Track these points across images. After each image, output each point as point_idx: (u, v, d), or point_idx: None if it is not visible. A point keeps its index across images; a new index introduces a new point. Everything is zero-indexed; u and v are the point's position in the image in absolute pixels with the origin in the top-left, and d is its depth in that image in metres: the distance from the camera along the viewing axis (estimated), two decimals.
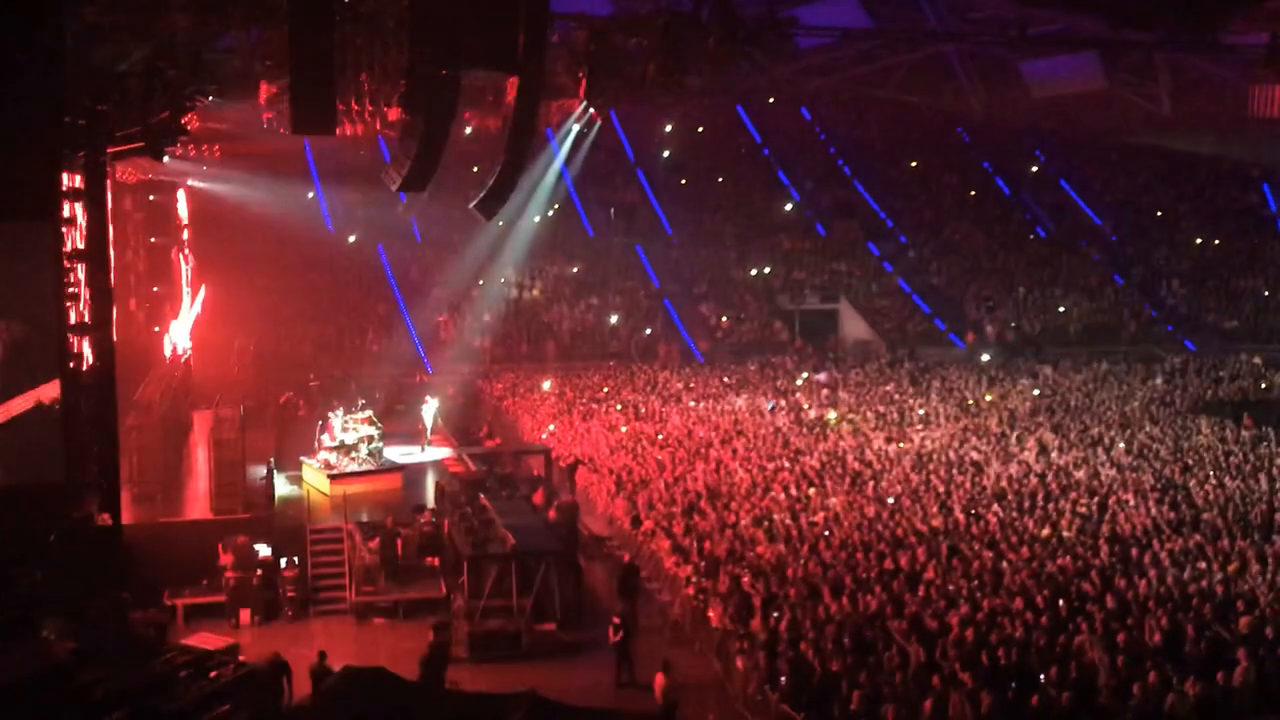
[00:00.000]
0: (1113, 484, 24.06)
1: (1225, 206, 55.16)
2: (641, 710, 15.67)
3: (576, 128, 39.78)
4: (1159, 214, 55.83)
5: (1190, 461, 26.07)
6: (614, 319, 45.58)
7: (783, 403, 34.44)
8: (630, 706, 16.03)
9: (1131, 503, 22.45)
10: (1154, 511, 21.79)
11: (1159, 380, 38.03)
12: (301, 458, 25.85)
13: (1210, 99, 53.36)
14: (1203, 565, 18.65)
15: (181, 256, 32.01)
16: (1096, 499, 22.78)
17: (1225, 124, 52.01)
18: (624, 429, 30.56)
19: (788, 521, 21.53)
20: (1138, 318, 48.10)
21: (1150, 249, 53.35)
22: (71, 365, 19.48)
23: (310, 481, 25.19)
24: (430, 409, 30.16)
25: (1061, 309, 48.24)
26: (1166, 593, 17.47)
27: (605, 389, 36.67)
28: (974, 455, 26.95)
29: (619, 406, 33.74)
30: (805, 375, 39.11)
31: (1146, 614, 16.52)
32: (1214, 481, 24.01)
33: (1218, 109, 51.35)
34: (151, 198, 33.32)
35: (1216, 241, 53.13)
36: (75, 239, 19.90)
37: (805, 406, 33.66)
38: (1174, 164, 56.49)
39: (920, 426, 30.78)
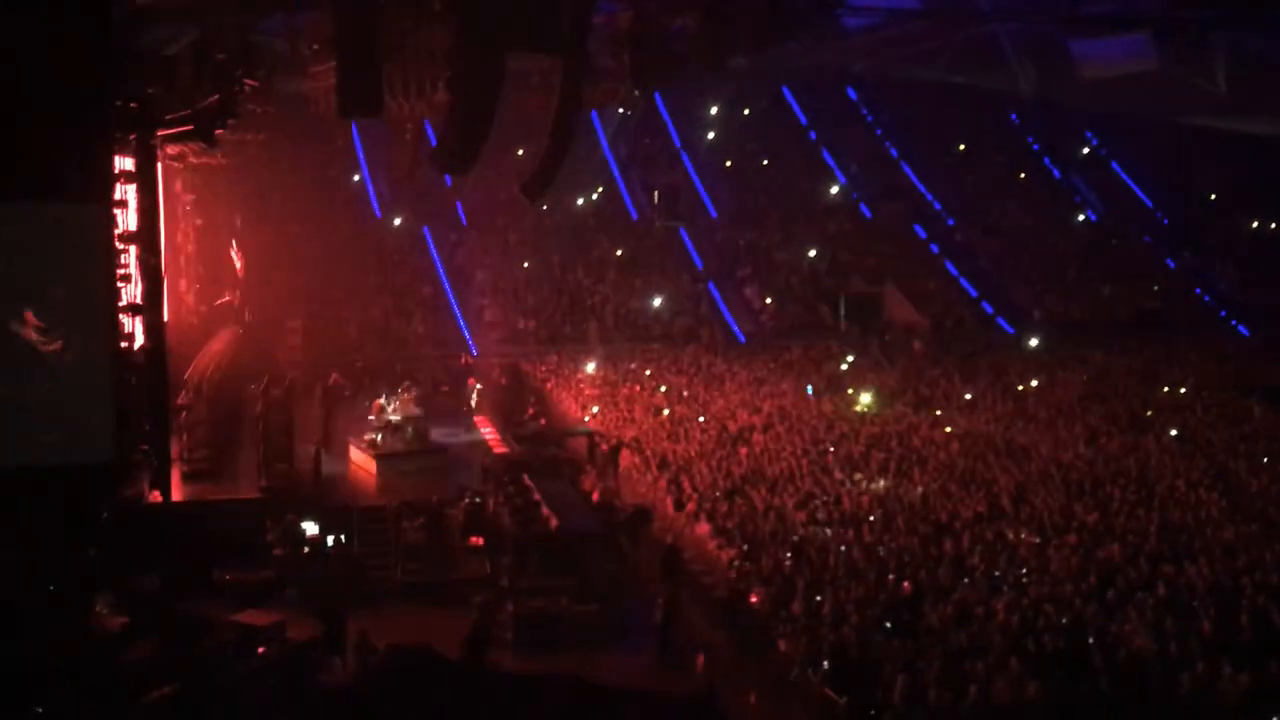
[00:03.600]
0: (1163, 470, 23.72)
1: None
2: (682, 692, 15.69)
3: (621, 110, 39.82)
4: (1212, 197, 54.83)
5: (1243, 448, 25.63)
6: (657, 302, 45.52)
7: (825, 385, 34.28)
8: (671, 688, 16.04)
9: (1182, 489, 22.12)
10: (1205, 498, 21.47)
11: (1211, 365, 37.43)
12: (349, 437, 26.10)
13: (1267, 79, 52.23)
14: (1255, 554, 18.34)
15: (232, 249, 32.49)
16: (1146, 485, 22.47)
17: None
18: (666, 411, 30.54)
19: (831, 505, 21.45)
20: (1189, 302, 47.32)
21: (1202, 232, 52.42)
22: (123, 345, 19.76)
23: (357, 460, 25.43)
24: (474, 391, 30.36)
25: (1111, 293, 47.55)
26: (1217, 581, 17.20)
27: (648, 371, 36.64)
28: (1021, 440, 26.68)
29: (662, 389, 33.72)
30: (850, 359, 38.91)
31: (1197, 602, 16.28)
32: (1266, 468, 23.61)
33: (1274, 89, 50.26)
34: (199, 179, 33.71)
35: (1272, 225, 52.10)
36: (126, 221, 20.16)
37: (850, 391, 33.48)
38: (1228, 146, 55.38)
39: (967, 410, 30.51)
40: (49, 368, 17.74)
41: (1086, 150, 57.69)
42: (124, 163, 20.16)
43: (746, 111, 55.96)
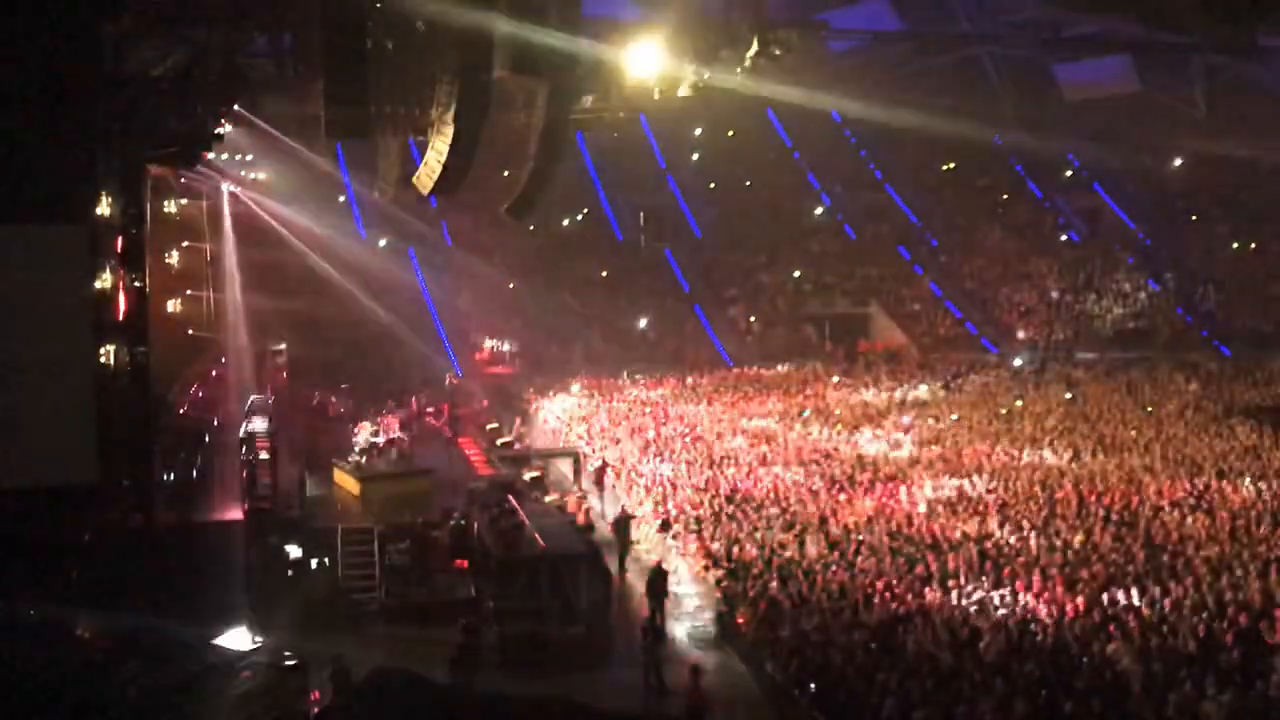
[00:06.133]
0: (1147, 490, 23.79)
1: (1261, 210, 54.50)
2: (668, 715, 15.63)
3: (606, 132, 39.99)
4: (1194, 217, 55.26)
5: (1226, 467, 25.74)
6: (643, 322, 45.59)
7: (812, 406, 34.33)
8: (657, 711, 15.98)
9: (1167, 509, 22.19)
10: (1189, 518, 21.54)
11: (1194, 386, 37.62)
12: (333, 459, 25.99)
13: (1246, 101, 52.80)
14: (1239, 572, 18.38)
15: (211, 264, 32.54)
16: (1131, 505, 22.54)
17: (1262, 126, 51.46)
18: (652, 433, 30.52)
19: (818, 526, 21.44)
20: (1172, 323, 47.62)
21: (1185, 253, 52.79)
22: (107, 367, 19.69)
23: (341, 483, 25.32)
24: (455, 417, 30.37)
25: (1095, 314, 47.85)
26: (1202, 600, 17.24)
27: (635, 392, 36.65)
28: (1006, 460, 26.73)
29: (648, 410, 33.73)
30: (835, 378, 39.03)
31: (1181, 622, 16.30)
32: (1250, 488, 23.71)
33: (1254, 111, 50.81)
34: (185, 201, 33.67)
35: (1253, 245, 52.48)
36: (110, 241, 20.11)
37: (837, 412, 33.54)
38: (1209, 167, 55.84)
39: (952, 431, 30.56)
40: (32, 389, 17.68)
41: (1069, 172, 58.07)
42: (109, 183, 20.13)
43: (731, 133, 56.25)
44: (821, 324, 47.73)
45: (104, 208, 20.01)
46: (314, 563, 20.41)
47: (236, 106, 22.38)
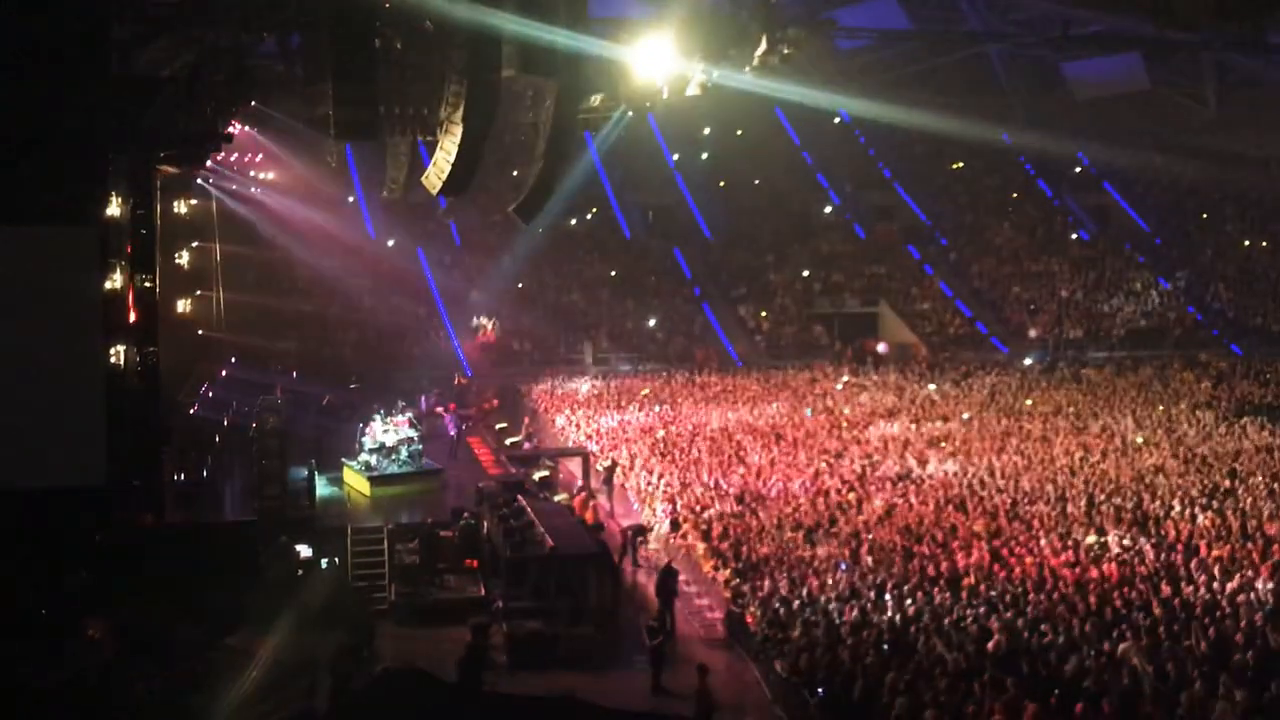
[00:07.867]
0: (1158, 489, 23.71)
1: (1273, 207, 54.30)
2: (677, 714, 15.61)
3: (615, 131, 39.91)
4: (1204, 215, 55.07)
5: (1238, 467, 25.64)
6: (651, 322, 45.55)
7: (821, 405, 34.25)
8: (666, 710, 15.96)
9: (1178, 508, 22.11)
10: (1201, 518, 21.46)
11: (1205, 384, 37.49)
12: (343, 459, 26.02)
13: (1257, 98, 52.64)
14: (1251, 573, 18.31)
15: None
16: (1142, 505, 22.46)
17: (1272, 123, 51.29)
18: (661, 432, 30.49)
19: (827, 525, 21.40)
20: (1183, 321, 47.45)
21: (1196, 252, 52.62)
22: (117, 367, 19.69)
23: (351, 483, 25.35)
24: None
25: (1105, 312, 47.69)
26: (1214, 601, 17.17)
27: (644, 391, 36.61)
28: (1017, 460, 26.66)
29: (657, 408, 33.69)
30: (845, 378, 38.92)
31: (1193, 622, 16.24)
32: (1262, 487, 23.61)
33: (1264, 108, 50.63)
34: (194, 202, 33.71)
35: (1264, 244, 52.29)
36: (120, 242, 20.12)
37: (845, 410, 33.46)
38: (1219, 165, 55.66)
39: (962, 430, 30.48)
40: (41, 390, 17.69)
41: (1078, 170, 57.92)
42: (117, 184, 20.14)
43: (740, 132, 56.18)
44: (830, 323, 47.66)
45: (113, 208, 20.01)
46: (324, 562, 20.46)
47: (252, 104, 22.38)
